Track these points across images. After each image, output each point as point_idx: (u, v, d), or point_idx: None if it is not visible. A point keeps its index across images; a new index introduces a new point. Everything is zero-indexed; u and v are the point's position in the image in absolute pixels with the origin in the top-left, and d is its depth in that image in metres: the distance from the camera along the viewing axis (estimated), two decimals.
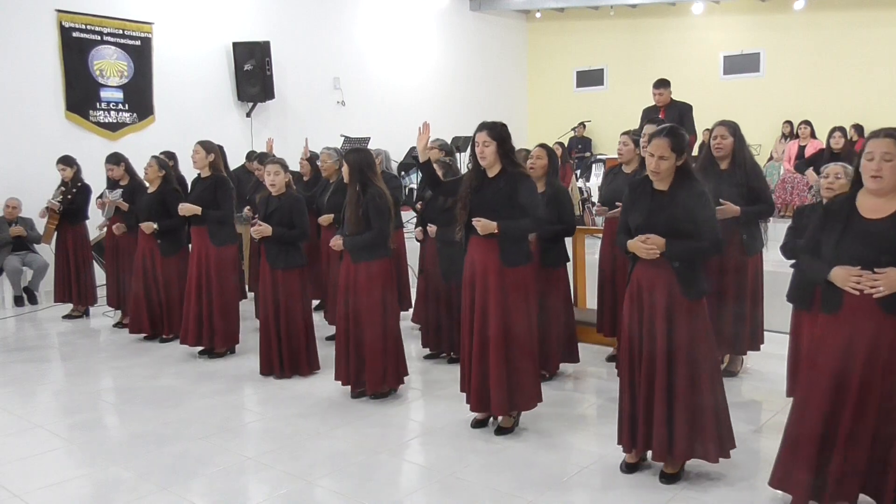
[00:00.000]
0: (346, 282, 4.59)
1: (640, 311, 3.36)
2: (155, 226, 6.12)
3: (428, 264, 5.54)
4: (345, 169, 4.60)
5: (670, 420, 3.30)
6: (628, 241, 3.36)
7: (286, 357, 5.14)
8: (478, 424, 4.17)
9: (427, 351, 5.68)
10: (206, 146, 5.77)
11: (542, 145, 5.10)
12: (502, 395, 3.93)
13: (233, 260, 5.86)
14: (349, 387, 4.78)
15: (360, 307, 4.52)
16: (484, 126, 3.91)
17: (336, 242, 4.60)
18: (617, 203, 5.13)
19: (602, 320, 5.35)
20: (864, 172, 2.78)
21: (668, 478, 3.43)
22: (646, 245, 3.25)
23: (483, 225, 3.83)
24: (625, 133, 5.22)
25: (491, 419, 4.19)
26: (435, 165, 5.10)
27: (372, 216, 4.46)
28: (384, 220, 4.48)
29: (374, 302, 4.51)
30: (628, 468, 3.55)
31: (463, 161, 10.62)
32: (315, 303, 7.34)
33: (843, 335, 2.82)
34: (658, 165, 3.29)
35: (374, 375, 4.58)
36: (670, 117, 6.64)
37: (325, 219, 6.08)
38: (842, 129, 8.27)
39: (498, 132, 3.88)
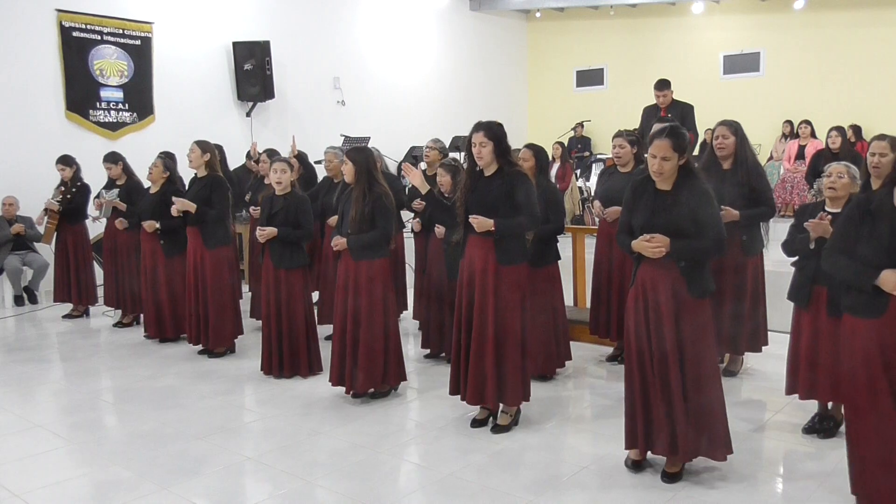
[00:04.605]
0: (346, 280, 4.57)
1: (646, 310, 3.36)
2: (157, 225, 6.10)
3: (431, 264, 5.52)
4: (348, 167, 4.54)
5: (680, 417, 3.29)
6: (632, 241, 3.35)
7: (286, 357, 5.14)
8: (477, 424, 4.18)
9: (427, 351, 5.67)
10: (203, 146, 5.77)
11: (529, 145, 5.05)
12: (494, 389, 3.99)
13: (228, 260, 5.82)
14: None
15: (360, 305, 4.51)
16: (480, 126, 3.92)
17: (339, 242, 4.55)
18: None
19: (597, 321, 5.29)
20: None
21: (671, 477, 3.43)
22: (651, 244, 3.25)
23: (480, 222, 3.85)
24: (618, 136, 5.13)
25: (489, 418, 4.20)
26: (440, 170, 5.12)
27: (377, 216, 4.46)
28: (389, 220, 4.50)
29: (375, 300, 4.51)
30: (634, 466, 3.54)
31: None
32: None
33: (882, 341, 2.77)
34: (661, 166, 3.28)
35: (373, 374, 4.56)
36: (672, 117, 6.63)
37: (335, 220, 5.97)
38: (839, 129, 8.25)
39: (494, 132, 3.89)
